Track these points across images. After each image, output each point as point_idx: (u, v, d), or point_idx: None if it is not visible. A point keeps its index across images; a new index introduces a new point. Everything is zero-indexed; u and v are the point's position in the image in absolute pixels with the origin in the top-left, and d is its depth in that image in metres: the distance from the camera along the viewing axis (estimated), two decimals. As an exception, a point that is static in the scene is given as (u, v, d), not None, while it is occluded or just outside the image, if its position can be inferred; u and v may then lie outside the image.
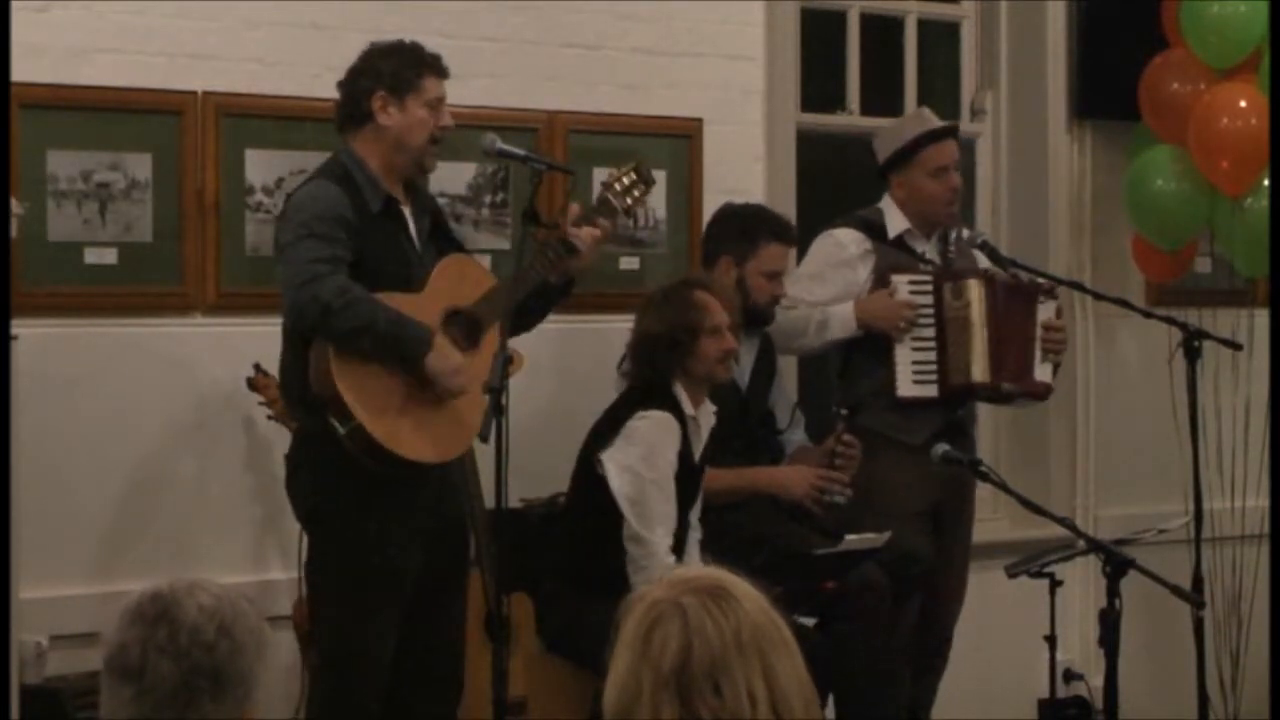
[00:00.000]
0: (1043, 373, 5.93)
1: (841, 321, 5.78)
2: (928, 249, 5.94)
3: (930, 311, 5.77)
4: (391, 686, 4.84)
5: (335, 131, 4.91)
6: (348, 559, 4.75)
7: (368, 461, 4.66)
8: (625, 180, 5.15)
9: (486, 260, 5.61)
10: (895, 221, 5.90)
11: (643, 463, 5.16)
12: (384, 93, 4.81)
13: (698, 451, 5.32)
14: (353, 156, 4.83)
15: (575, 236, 4.94)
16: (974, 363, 5.77)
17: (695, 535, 5.39)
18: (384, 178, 4.83)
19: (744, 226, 5.72)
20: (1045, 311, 5.94)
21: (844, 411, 5.65)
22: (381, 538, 4.73)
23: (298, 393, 4.75)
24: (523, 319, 4.94)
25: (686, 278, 5.54)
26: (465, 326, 4.82)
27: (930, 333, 5.77)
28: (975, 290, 5.78)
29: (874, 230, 5.89)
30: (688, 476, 5.28)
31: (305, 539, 4.92)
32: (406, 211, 4.89)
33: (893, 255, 5.86)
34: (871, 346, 5.81)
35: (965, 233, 5.99)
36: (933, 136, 5.94)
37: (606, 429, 5.25)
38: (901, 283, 5.80)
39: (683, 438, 5.24)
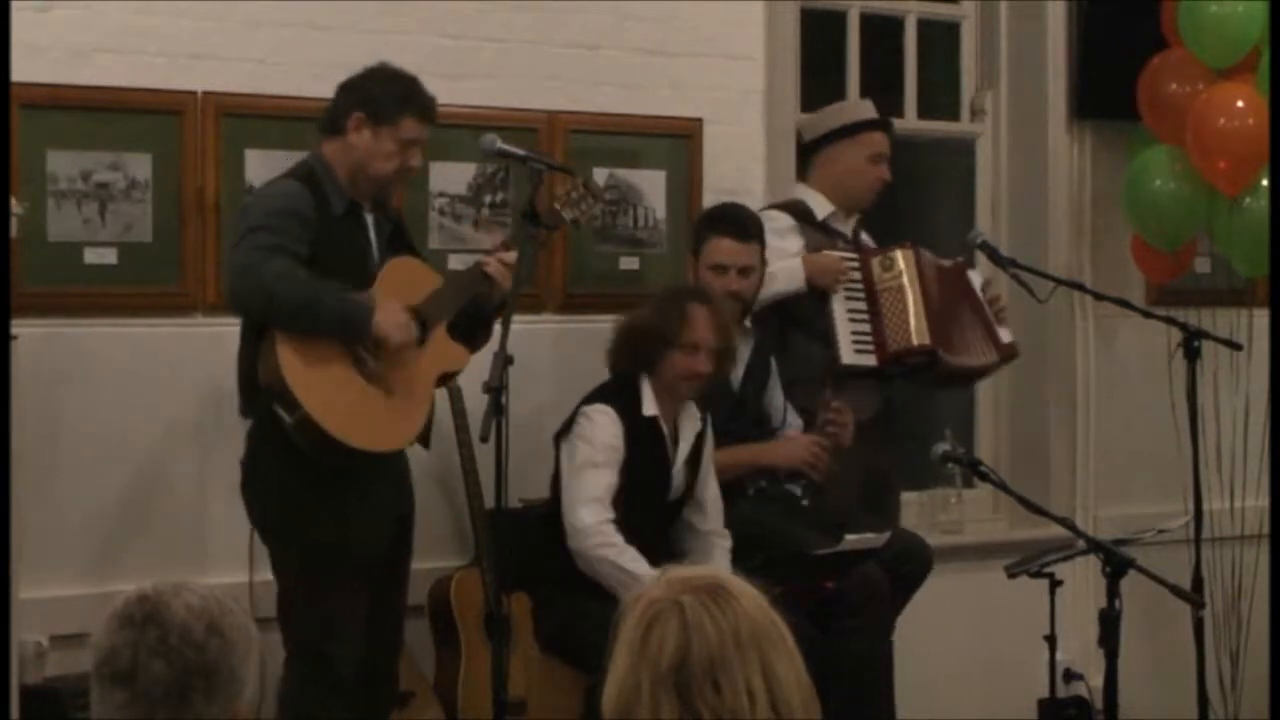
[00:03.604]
0: (1006, 334, 6.02)
1: (788, 274, 5.80)
2: (848, 234, 6.03)
3: (860, 286, 5.82)
4: None
5: (317, 131, 4.98)
6: (311, 548, 4.80)
7: (315, 452, 4.70)
8: (574, 194, 5.20)
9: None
10: (819, 205, 5.98)
11: (571, 451, 5.25)
12: (362, 115, 4.87)
13: (673, 455, 5.36)
14: (322, 161, 4.91)
15: (487, 265, 4.97)
16: (913, 326, 5.81)
17: (725, 544, 5.47)
18: (349, 187, 4.89)
19: (699, 225, 5.82)
20: (977, 279, 6.05)
21: (829, 380, 5.70)
22: (343, 525, 4.78)
23: (248, 385, 4.81)
24: (470, 333, 5.00)
25: (697, 287, 5.55)
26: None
27: (863, 305, 5.82)
28: (903, 259, 5.86)
29: (800, 214, 5.95)
30: (654, 478, 5.32)
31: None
32: (369, 217, 4.95)
33: (819, 237, 5.93)
34: (810, 326, 5.84)
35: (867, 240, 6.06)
36: (878, 124, 6.03)
37: (567, 424, 5.34)
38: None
39: (643, 438, 5.28)
